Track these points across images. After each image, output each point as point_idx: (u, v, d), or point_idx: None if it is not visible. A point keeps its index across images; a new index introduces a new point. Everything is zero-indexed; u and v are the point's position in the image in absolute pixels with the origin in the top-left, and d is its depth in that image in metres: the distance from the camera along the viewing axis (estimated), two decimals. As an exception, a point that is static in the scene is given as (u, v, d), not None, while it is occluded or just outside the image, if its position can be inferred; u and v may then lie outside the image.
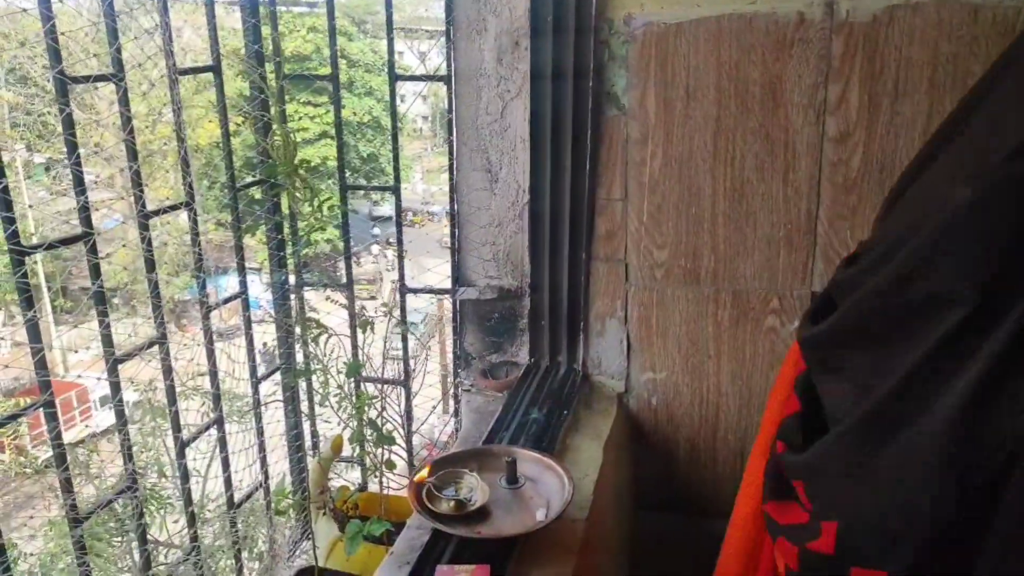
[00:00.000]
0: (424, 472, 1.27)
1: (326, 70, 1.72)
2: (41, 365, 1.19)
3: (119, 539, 1.97)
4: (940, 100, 1.38)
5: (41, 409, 1.25)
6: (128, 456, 1.40)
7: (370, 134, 12.40)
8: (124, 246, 1.61)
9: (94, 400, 8.94)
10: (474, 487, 1.26)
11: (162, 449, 2.10)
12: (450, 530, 1.19)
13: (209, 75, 1.56)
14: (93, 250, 1.26)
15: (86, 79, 1.24)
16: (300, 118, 11.83)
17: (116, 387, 1.36)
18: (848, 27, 1.39)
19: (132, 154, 1.31)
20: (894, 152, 1.43)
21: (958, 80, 1.35)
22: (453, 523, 1.20)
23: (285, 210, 1.73)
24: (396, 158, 1.68)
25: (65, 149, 1.20)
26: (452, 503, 1.23)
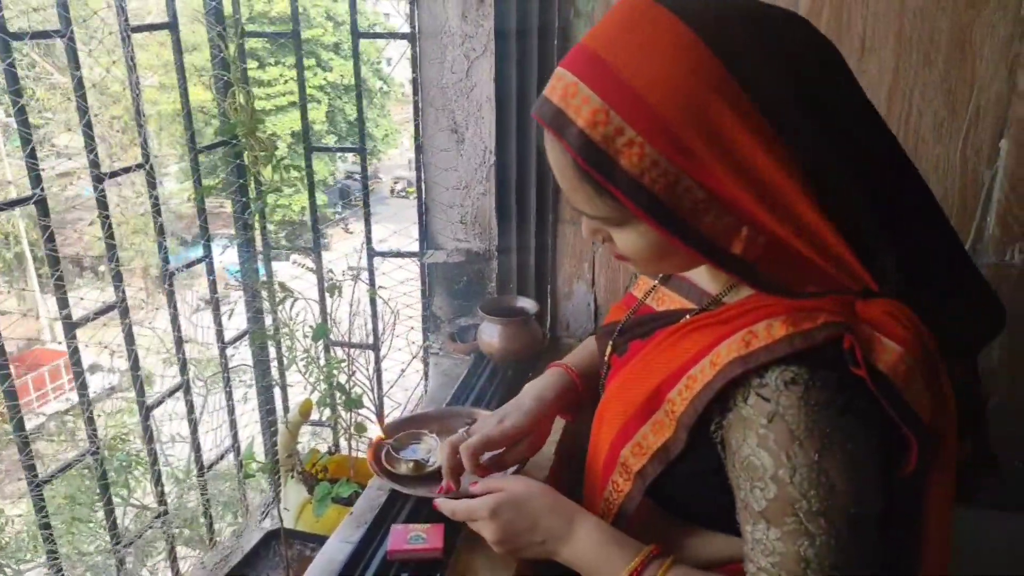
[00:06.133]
0: (382, 433, 1.27)
1: (313, 32, 1.69)
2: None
3: (97, 502, 1.99)
4: None
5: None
6: (89, 419, 1.40)
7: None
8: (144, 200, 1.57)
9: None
10: (433, 448, 1.26)
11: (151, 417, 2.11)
12: (408, 490, 1.19)
13: (191, 40, 1.53)
14: (45, 213, 1.24)
15: (34, 36, 1.20)
16: (286, 81, 11.66)
17: (75, 351, 1.36)
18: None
19: (83, 114, 1.28)
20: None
21: None
22: (411, 483, 1.21)
23: (270, 175, 1.70)
24: (361, 118, 1.66)
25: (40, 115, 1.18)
26: (411, 464, 1.23)
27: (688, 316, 0.87)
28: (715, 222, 0.70)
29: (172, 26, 1.47)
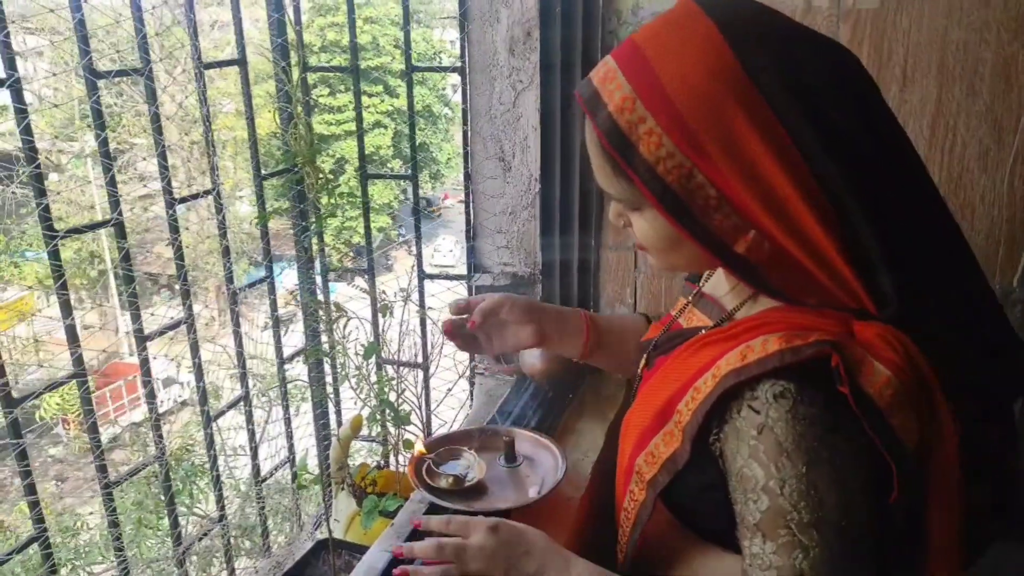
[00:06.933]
0: (423, 448, 1.33)
1: (382, 60, 1.79)
2: (73, 338, 1.29)
3: (162, 509, 2.11)
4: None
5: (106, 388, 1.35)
6: (156, 427, 1.50)
7: (423, 123, 12.56)
8: (207, 222, 1.69)
9: (159, 381, 9.35)
10: (471, 464, 1.31)
11: (215, 428, 2.23)
12: (446, 504, 1.24)
13: (268, 68, 1.65)
14: (122, 235, 1.35)
15: (117, 74, 1.33)
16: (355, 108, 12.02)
17: (145, 363, 1.46)
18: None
19: (159, 143, 1.40)
20: None
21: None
22: (450, 497, 1.25)
23: (326, 201, 1.80)
24: (413, 148, 1.74)
25: (136, 141, 1.29)
26: (450, 479, 1.28)
27: (703, 331, 0.90)
28: (724, 221, 0.74)
29: (241, 62, 1.59)
